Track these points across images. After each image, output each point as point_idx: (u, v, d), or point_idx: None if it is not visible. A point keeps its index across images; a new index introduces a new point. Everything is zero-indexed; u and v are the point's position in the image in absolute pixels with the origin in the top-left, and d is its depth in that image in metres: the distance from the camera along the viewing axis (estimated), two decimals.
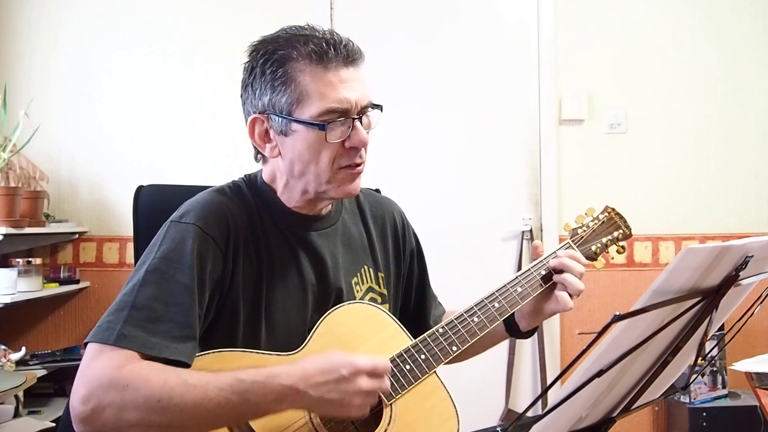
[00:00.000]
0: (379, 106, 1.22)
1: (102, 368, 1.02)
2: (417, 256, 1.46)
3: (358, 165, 1.21)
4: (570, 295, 1.29)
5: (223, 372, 1.05)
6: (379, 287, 1.35)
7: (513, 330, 1.38)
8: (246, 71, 1.22)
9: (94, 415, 1.00)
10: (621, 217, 1.44)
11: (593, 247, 1.39)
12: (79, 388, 1.02)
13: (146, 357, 1.06)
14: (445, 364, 1.26)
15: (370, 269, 1.35)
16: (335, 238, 1.31)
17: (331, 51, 1.15)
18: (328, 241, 1.29)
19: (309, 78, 1.15)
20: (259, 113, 1.20)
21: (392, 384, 1.18)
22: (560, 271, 1.29)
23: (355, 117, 1.18)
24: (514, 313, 1.34)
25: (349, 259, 1.32)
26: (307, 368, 1.07)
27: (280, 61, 1.17)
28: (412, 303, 1.46)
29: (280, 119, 1.18)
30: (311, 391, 1.05)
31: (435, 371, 1.22)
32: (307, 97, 1.15)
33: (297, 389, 1.05)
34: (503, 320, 1.34)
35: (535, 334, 1.43)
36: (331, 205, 1.31)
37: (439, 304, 1.51)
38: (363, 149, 1.21)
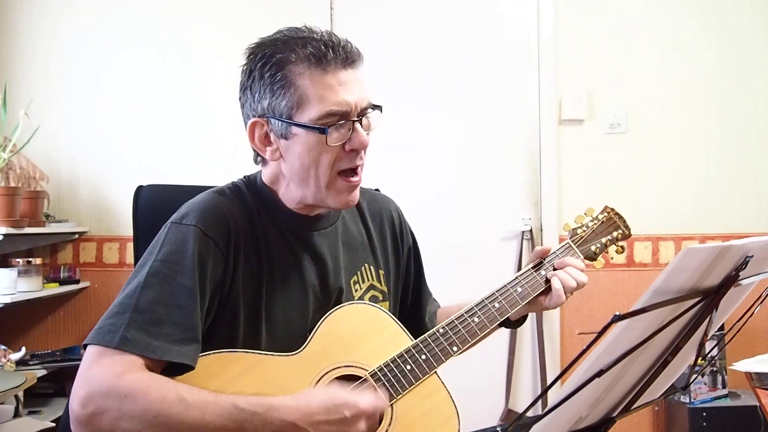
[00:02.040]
0: (378, 107, 1.22)
1: (103, 374, 1.02)
2: (414, 254, 1.47)
3: (358, 168, 1.21)
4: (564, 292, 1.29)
5: (224, 396, 1.05)
6: (380, 285, 1.35)
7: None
8: (244, 74, 1.21)
9: (92, 420, 1.01)
10: (620, 217, 1.44)
11: (593, 247, 1.40)
12: (78, 391, 1.02)
13: (149, 361, 1.06)
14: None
15: (371, 267, 1.35)
16: (335, 238, 1.31)
17: (329, 53, 1.15)
18: (329, 241, 1.29)
19: (308, 81, 1.15)
20: (259, 117, 1.20)
21: (393, 384, 1.19)
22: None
23: (355, 119, 1.17)
24: None
25: (349, 258, 1.32)
26: (309, 405, 1.06)
27: (279, 64, 1.16)
28: (409, 300, 1.46)
29: (280, 123, 1.17)
30: (311, 429, 1.05)
31: (435, 371, 1.22)
32: (307, 100, 1.15)
33: (297, 426, 1.05)
34: None
35: (535, 334, 1.43)
36: None
37: (433, 301, 1.51)
38: (363, 151, 1.21)
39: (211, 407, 1.03)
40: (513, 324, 1.40)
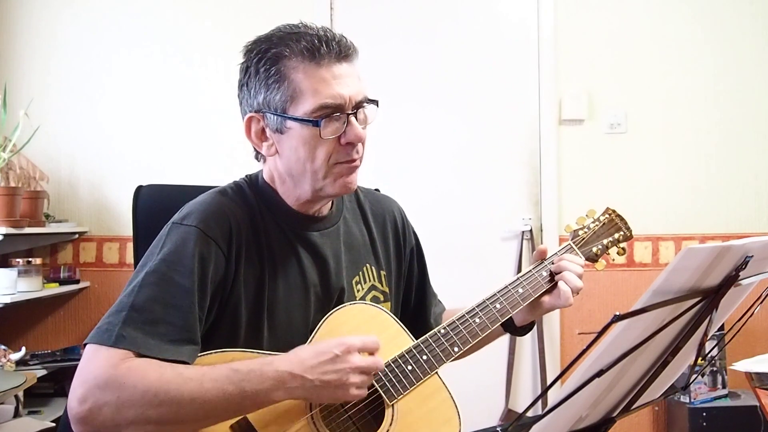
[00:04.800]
0: (374, 101, 1.21)
1: (98, 367, 1.02)
2: (417, 255, 1.47)
3: (354, 160, 1.21)
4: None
5: (219, 364, 1.06)
6: (382, 285, 1.35)
7: (507, 324, 1.37)
8: (241, 71, 1.22)
9: (92, 415, 1.01)
10: (622, 219, 1.44)
11: (594, 249, 1.40)
12: (76, 389, 1.02)
13: (144, 357, 1.06)
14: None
15: (373, 267, 1.35)
16: (337, 238, 1.31)
17: (323, 47, 1.15)
18: (330, 241, 1.29)
19: (302, 75, 1.15)
20: (255, 112, 1.20)
21: (394, 384, 1.19)
22: (560, 271, 1.31)
23: (350, 112, 1.17)
24: None
25: (351, 259, 1.32)
26: (301, 354, 1.09)
27: (273, 59, 1.17)
28: (413, 301, 1.46)
29: (275, 117, 1.18)
30: (308, 374, 1.06)
31: (437, 372, 1.22)
32: (301, 94, 1.15)
33: (293, 374, 1.06)
34: None
35: (535, 334, 1.44)
36: (332, 205, 1.31)
37: (438, 302, 1.51)
38: (360, 145, 1.20)
39: (208, 375, 1.04)
40: (519, 331, 1.39)
